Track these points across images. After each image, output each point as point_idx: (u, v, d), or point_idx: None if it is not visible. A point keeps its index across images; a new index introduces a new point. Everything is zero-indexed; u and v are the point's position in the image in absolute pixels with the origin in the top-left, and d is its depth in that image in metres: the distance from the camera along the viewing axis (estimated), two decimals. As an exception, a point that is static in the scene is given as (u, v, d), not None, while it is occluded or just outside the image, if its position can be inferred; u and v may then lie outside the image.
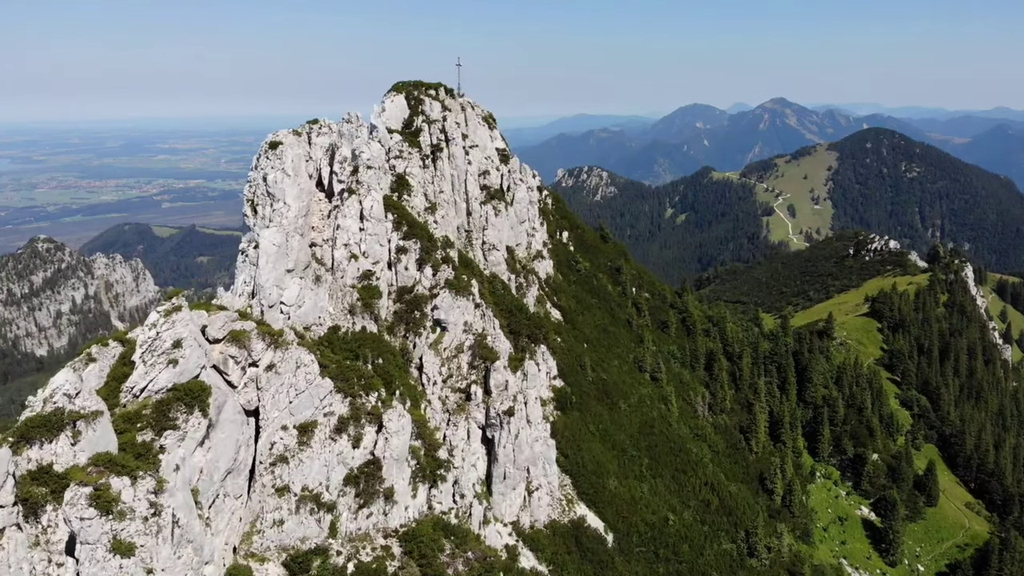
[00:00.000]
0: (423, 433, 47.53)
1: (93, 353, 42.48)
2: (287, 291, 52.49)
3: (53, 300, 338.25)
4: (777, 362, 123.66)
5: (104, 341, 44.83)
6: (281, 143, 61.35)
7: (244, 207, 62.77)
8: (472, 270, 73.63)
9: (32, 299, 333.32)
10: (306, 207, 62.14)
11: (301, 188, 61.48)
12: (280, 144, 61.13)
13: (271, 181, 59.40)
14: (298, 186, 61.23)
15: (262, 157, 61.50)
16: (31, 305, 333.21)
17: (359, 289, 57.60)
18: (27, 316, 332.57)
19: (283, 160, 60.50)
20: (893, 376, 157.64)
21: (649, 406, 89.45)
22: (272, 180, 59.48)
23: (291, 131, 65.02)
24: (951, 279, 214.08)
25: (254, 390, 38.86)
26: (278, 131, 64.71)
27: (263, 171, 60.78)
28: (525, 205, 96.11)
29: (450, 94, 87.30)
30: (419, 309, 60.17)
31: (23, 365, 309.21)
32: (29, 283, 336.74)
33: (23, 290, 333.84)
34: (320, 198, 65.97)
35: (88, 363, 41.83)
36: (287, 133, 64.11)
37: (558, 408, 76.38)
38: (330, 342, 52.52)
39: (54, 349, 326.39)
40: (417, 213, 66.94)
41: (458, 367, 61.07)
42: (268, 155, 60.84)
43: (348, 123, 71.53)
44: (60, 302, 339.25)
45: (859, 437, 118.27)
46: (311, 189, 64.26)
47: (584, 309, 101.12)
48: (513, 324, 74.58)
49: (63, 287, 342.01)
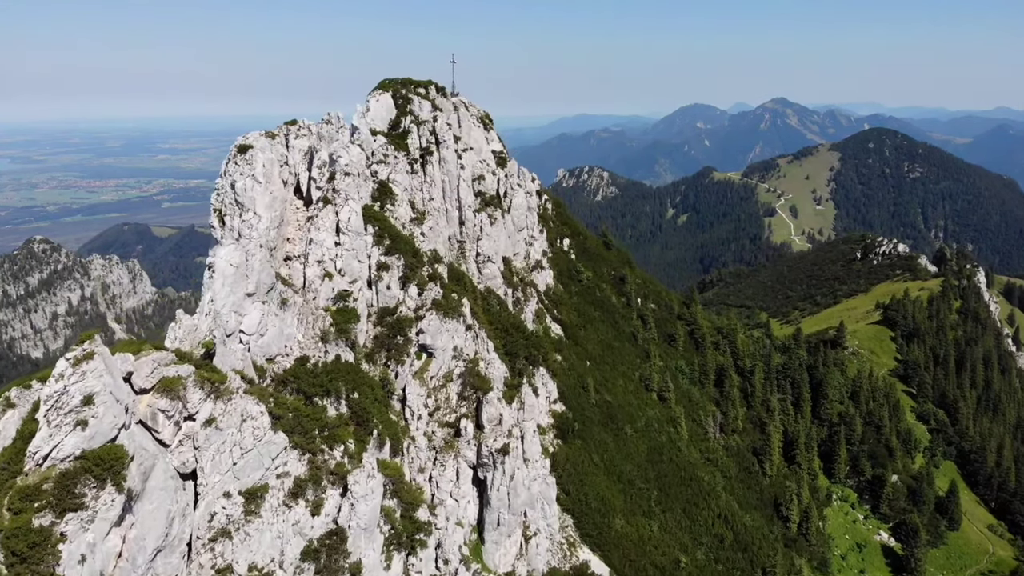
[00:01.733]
0: (400, 490, 40.73)
1: (12, 398, 35.76)
2: (247, 318, 45.69)
3: (49, 302, 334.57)
4: (790, 377, 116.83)
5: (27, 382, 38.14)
6: (251, 146, 54.72)
7: (211, 217, 56.29)
8: (464, 286, 66.84)
9: (28, 300, 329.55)
10: (279, 217, 55.46)
11: (274, 196, 54.81)
12: (250, 148, 54.49)
13: (239, 189, 52.78)
14: (270, 194, 54.58)
15: (230, 162, 54.95)
16: (27, 307, 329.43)
17: (333, 312, 50.77)
18: (23, 318, 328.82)
19: (253, 165, 53.87)
20: (908, 388, 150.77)
21: (657, 430, 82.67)
22: (241, 188, 52.86)
23: (263, 133, 58.29)
24: (964, 284, 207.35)
25: (191, 449, 32.06)
26: (248, 133, 58.06)
27: (231, 178, 54.21)
28: (523, 212, 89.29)
29: (441, 93, 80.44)
30: (402, 333, 53.36)
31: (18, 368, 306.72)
32: (25, 284, 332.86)
33: (19, 291, 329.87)
34: (298, 207, 59.25)
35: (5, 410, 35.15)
36: (258, 135, 57.42)
37: (559, 436, 69.59)
38: (296, 376, 45.70)
39: (50, 351, 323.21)
40: (402, 225, 60.09)
41: (446, 398, 54.27)
42: (236, 160, 54.30)
43: (328, 124, 64.82)
44: (56, 304, 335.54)
45: (877, 457, 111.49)
46: (286, 197, 57.56)
47: (587, 323, 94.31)
48: (509, 345, 67.83)
49: (59, 288, 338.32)
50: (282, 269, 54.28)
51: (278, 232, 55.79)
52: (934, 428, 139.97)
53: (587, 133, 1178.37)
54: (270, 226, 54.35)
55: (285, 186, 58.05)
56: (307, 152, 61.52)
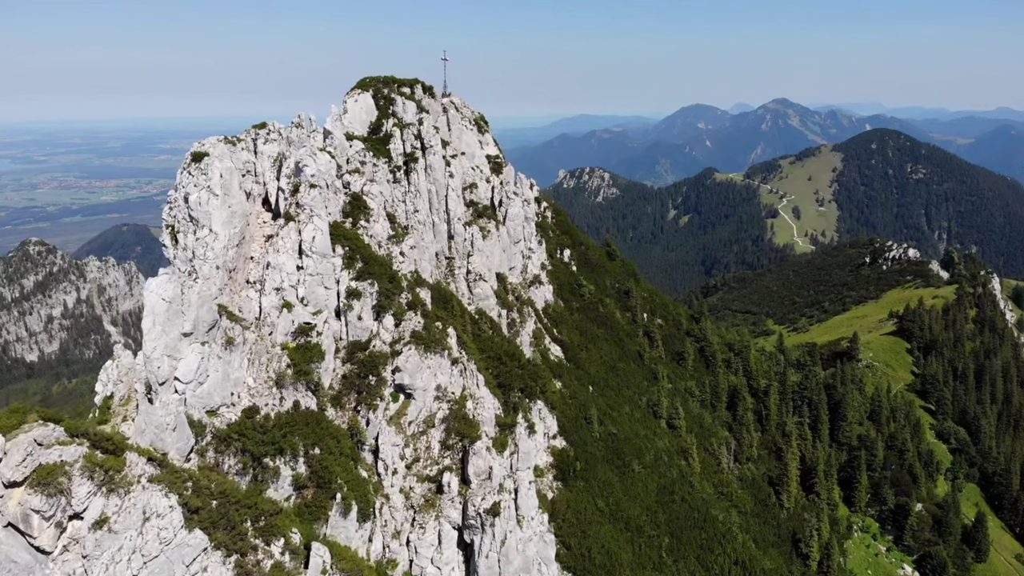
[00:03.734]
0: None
1: None
2: (183, 363, 38.06)
3: (44, 304, 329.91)
4: (807, 397, 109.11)
5: None
6: (207, 154, 47.19)
7: (163, 235, 48.90)
8: (451, 310, 59.20)
9: (23, 303, 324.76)
10: (240, 234, 47.88)
11: (233, 211, 47.29)
12: (205, 156, 46.99)
13: (193, 203, 45.36)
14: (228, 208, 47.04)
15: (184, 172, 47.49)
16: (22, 309, 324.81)
17: (292, 350, 43.12)
18: (17, 320, 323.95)
19: (209, 176, 46.38)
20: (927, 404, 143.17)
21: (667, 464, 75.01)
22: (195, 201, 45.42)
23: (222, 138, 50.74)
24: (979, 292, 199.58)
25: (77, 558, 24.43)
26: (205, 139, 50.50)
27: (184, 190, 46.75)
28: (520, 223, 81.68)
29: (429, 92, 72.75)
30: (375, 372, 45.68)
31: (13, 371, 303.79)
32: (20, 287, 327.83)
33: (13, 294, 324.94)
34: (265, 221, 51.66)
35: None
36: (216, 141, 49.87)
37: (559, 477, 61.96)
38: (242, 432, 38.08)
39: (45, 354, 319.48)
40: (378, 244, 52.40)
41: (427, 447, 46.59)
42: (190, 169, 46.91)
43: (298, 128, 57.23)
44: (51, 306, 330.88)
45: (901, 484, 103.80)
46: (251, 211, 49.99)
47: (589, 342, 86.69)
48: (503, 376, 60.16)
49: (54, 291, 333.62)
50: (237, 297, 46.71)
51: (238, 251, 48.26)
52: (955, 448, 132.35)
53: (588, 133, 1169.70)
54: (228, 245, 46.91)
55: (249, 198, 50.51)
56: (277, 159, 54.09)
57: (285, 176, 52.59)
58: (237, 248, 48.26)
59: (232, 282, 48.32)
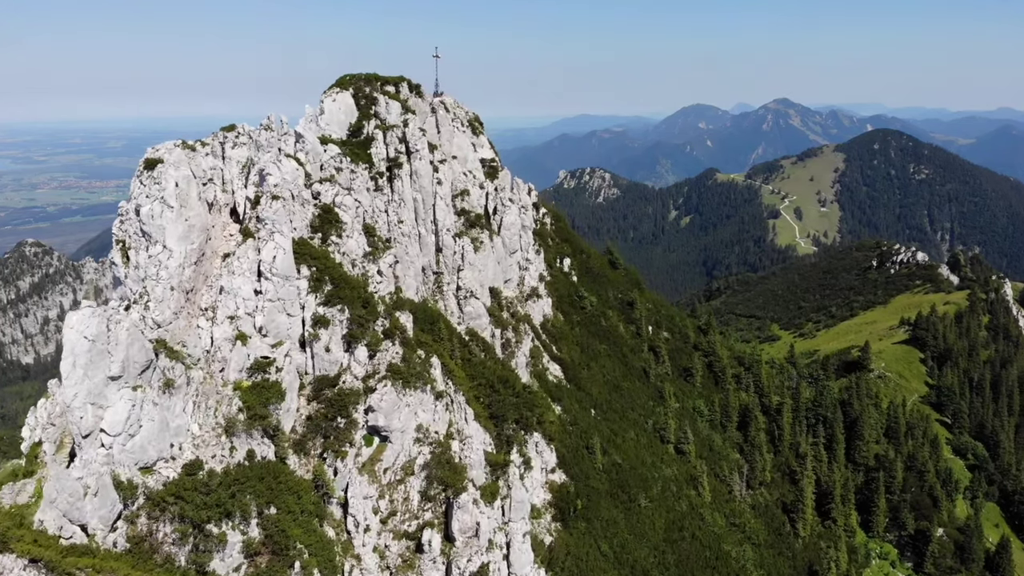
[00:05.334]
0: None
1: None
2: (110, 411, 32.11)
3: (40, 306, 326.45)
4: (821, 415, 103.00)
5: None
6: (161, 161, 41.29)
7: (112, 251, 43.18)
8: (437, 334, 53.17)
9: (19, 305, 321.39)
10: (198, 250, 41.92)
11: (191, 224, 41.36)
12: (159, 163, 41.08)
13: (145, 215, 39.55)
14: (185, 222, 41.15)
15: (136, 180, 41.68)
16: (17, 311, 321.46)
17: (246, 391, 37.08)
18: (13, 323, 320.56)
19: (162, 185, 40.60)
20: (942, 417, 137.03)
21: (676, 495, 68.98)
22: (147, 214, 39.57)
23: (179, 143, 44.85)
24: (991, 298, 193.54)
25: None
26: (159, 144, 44.59)
27: (136, 201, 40.92)
28: (516, 231, 75.59)
29: (416, 91, 66.63)
30: (345, 413, 39.63)
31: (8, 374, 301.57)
32: (16, 288, 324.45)
33: (9, 296, 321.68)
34: (232, 234, 45.68)
35: None
36: (172, 146, 44.03)
37: (558, 518, 55.90)
38: (180, 495, 32.05)
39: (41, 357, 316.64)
40: (351, 262, 46.29)
41: (405, 499, 40.52)
42: (143, 178, 40.97)
43: (267, 131, 51.17)
44: (47, 308, 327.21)
45: (921, 508, 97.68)
46: (214, 223, 44.08)
47: (591, 360, 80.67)
48: (495, 405, 54.18)
49: (51, 292, 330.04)
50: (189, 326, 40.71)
51: (197, 270, 42.28)
52: (973, 464, 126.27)
53: (589, 133, 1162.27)
54: (185, 262, 41.04)
55: (213, 209, 44.52)
56: (246, 165, 48.18)
57: (253, 184, 46.73)
58: (195, 266, 42.33)
59: (190, 304, 42.41)
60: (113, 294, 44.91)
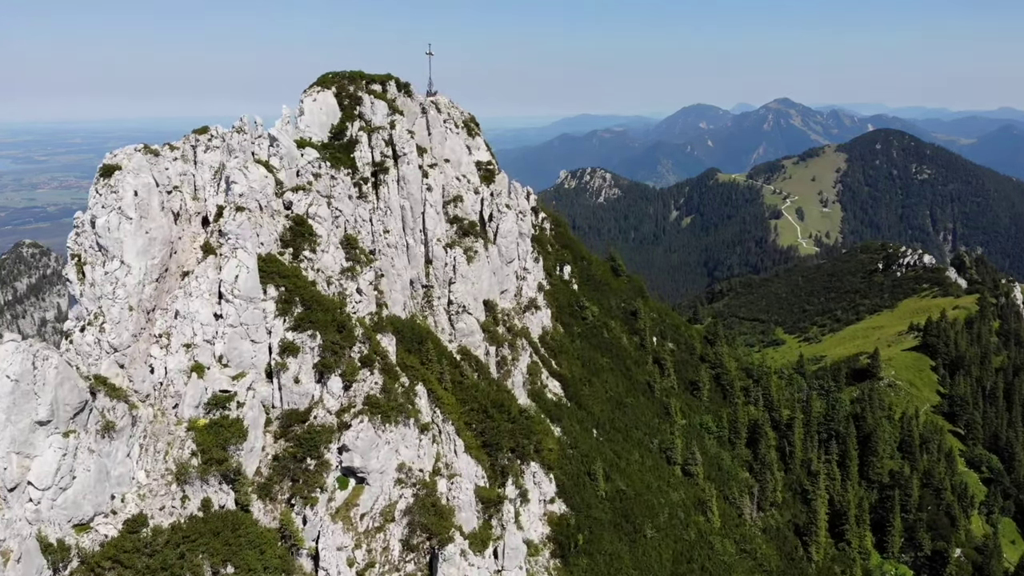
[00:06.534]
0: None
1: None
2: (38, 461, 27.57)
3: (37, 307, 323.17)
4: (834, 430, 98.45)
5: None
6: (118, 168, 36.95)
7: (67, 266, 39.01)
8: (425, 355, 48.67)
9: (16, 306, 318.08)
10: (161, 265, 37.61)
11: (152, 237, 36.99)
12: (117, 170, 36.70)
13: (101, 227, 35.13)
14: (145, 234, 36.77)
15: (92, 189, 37.32)
16: (14, 313, 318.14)
17: (201, 431, 32.58)
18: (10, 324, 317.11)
19: (120, 194, 36.35)
20: (955, 428, 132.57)
21: (684, 522, 64.48)
22: (103, 226, 35.15)
23: (140, 147, 40.46)
24: (1001, 302, 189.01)
25: None
26: (118, 150, 40.19)
27: (91, 212, 36.61)
28: (514, 239, 71.04)
29: (405, 90, 62.09)
30: (316, 453, 35.12)
31: None
32: (13, 289, 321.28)
33: (7, 296, 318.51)
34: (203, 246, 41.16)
35: None
36: (132, 151, 39.73)
37: (557, 554, 51.40)
38: (117, 558, 27.55)
39: None
40: (326, 280, 41.73)
41: (384, 548, 36.00)
42: (99, 187, 36.59)
43: (239, 133, 46.66)
44: (45, 309, 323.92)
45: (938, 527, 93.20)
46: (181, 234, 39.74)
47: (592, 375, 76.15)
48: (489, 432, 49.70)
49: (48, 294, 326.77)
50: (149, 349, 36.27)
51: (159, 287, 37.90)
52: (988, 478, 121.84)
53: (589, 133, 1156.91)
54: (145, 279, 36.78)
55: (179, 220, 40.14)
56: (219, 170, 43.75)
57: (222, 193, 42.34)
58: (157, 283, 37.94)
59: (152, 325, 37.99)
60: (70, 313, 40.65)
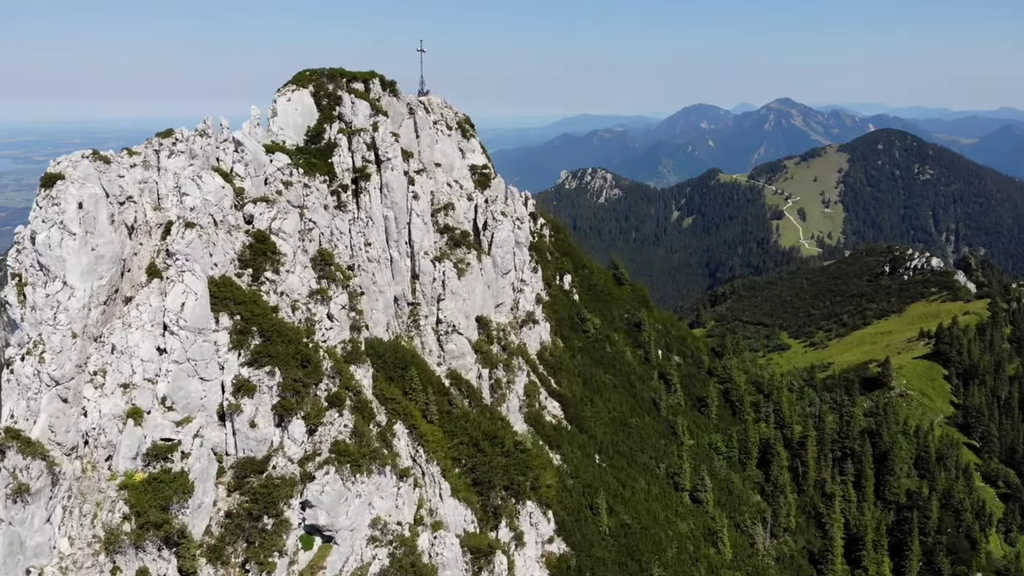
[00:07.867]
0: None
1: None
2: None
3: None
4: (848, 448, 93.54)
5: None
6: (61, 177, 32.14)
7: (7, 288, 34.29)
8: (408, 383, 43.74)
9: None
10: (109, 286, 32.82)
11: (99, 255, 32.17)
12: (60, 179, 31.89)
13: (41, 244, 30.21)
14: (92, 252, 31.98)
15: (34, 201, 32.66)
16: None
17: (136, 488, 27.66)
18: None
19: (62, 207, 31.44)
20: (970, 440, 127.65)
21: (693, 557, 59.60)
22: (43, 243, 30.26)
23: (88, 153, 35.72)
24: (1013, 307, 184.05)
25: None
26: (63, 156, 35.34)
27: (32, 227, 31.80)
28: (510, 249, 66.13)
29: (390, 89, 57.14)
30: (274, 510, 30.20)
31: None
32: None
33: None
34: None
35: None
36: (79, 157, 35.01)
37: (555, 601, 46.55)
38: (18, 659, 22.64)
39: None
40: (291, 305, 36.78)
41: (357, 619, 31.10)
42: (40, 199, 31.80)
43: (202, 137, 41.77)
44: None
45: (958, 551, 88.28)
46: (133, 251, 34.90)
47: (594, 393, 71.26)
48: (480, 469, 44.82)
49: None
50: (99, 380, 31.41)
51: (107, 311, 33.08)
52: (1005, 493, 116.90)
53: (590, 133, 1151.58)
54: (91, 303, 32.09)
55: (134, 234, 35.38)
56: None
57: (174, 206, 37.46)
58: (105, 307, 33.11)
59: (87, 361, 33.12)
60: (11, 339, 35.89)
